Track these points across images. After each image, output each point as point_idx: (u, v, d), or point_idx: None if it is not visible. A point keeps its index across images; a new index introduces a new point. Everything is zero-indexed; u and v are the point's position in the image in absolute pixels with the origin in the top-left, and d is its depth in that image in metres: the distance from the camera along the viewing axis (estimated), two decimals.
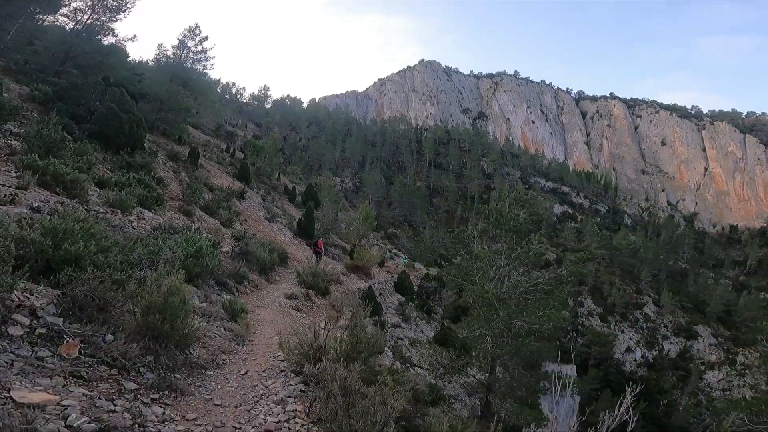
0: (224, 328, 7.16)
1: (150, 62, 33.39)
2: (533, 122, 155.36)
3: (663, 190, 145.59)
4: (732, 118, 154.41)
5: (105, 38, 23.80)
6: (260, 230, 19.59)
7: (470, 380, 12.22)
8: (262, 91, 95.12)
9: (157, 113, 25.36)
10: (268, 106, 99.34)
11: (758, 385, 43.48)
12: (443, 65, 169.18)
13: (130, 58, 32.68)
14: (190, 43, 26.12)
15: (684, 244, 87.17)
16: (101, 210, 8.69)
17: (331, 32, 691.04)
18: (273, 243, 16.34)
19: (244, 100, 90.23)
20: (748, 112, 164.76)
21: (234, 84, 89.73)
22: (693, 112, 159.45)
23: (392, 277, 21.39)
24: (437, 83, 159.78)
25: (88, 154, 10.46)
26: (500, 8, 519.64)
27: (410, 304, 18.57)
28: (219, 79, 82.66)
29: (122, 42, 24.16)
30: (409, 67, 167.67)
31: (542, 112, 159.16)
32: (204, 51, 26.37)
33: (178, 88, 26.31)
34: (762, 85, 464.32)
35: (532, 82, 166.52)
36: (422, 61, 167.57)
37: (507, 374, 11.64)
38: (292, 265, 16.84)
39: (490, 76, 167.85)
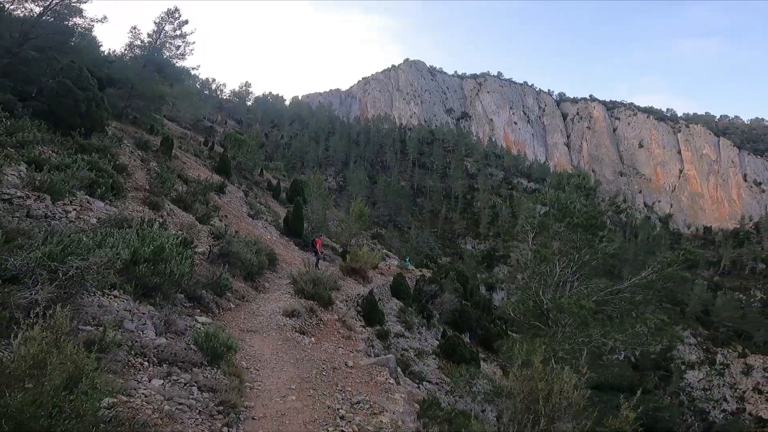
0: (199, 388, 4.41)
1: (123, 50, 31.15)
2: (516, 123, 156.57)
3: (640, 192, 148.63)
4: (706, 121, 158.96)
5: (72, 20, 21.59)
6: (243, 227, 17.72)
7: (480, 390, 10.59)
8: (244, 88, 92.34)
9: (127, 100, 23.27)
10: (249, 103, 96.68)
11: (737, 384, 43.97)
12: (428, 65, 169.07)
13: (102, 48, 30.36)
14: (168, 27, 24.06)
15: (660, 245, 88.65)
16: (18, 194, 6.80)
17: (315, 30, 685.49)
18: (259, 242, 14.43)
19: (225, 97, 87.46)
20: (721, 116, 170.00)
21: (214, 80, 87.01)
22: (669, 114, 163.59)
23: (387, 279, 19.84)
24: (422, 83, 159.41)
25: (24, 132, 8.66)
26: (483, 8, 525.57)
27: (409, 309, 17.03)
28: (199, 75, 79.93)
29: (91, 23, 21.97)
30: (393, 66, 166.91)
31: (524, 114, 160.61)
32: (183, 36, 24.35)
33: (152, 73, 24.26)
34: (734, 89, 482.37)
35: (514, 83, 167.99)
36: (407, 60, 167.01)
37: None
38: (282, 268, 15.03)
39: (474, 76, 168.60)
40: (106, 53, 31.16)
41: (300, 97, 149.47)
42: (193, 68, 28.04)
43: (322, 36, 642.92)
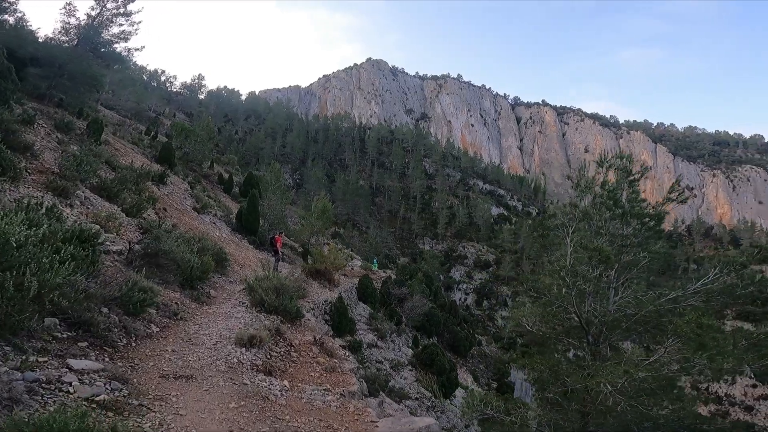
0: None
1: (56, 30, 27.82)
2: (473, 125, 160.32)
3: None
4: (645, 128, 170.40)
5: None
6: (186, 222, 15.63)
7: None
8: (196, 81, 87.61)
9: (53, 80, 20.64)
10: (201, 96, 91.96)
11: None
12: (390, 65, 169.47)
13: (33, 27, 26.94)
14: (111, 5, 21.62)
15: None
16: None
17: (278, 26, 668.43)
18: (205, 239, 12.23)
19: (175, 89, 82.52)
20: (657, 123, 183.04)
21: (164, 71, 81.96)
22: (612, 121, 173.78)
23: (352, 282, 18.21)
24: (383, 82, 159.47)
25: None
26: (446, 10, 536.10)
27: (379, 314, 15.63)
28: (147, 66, 75.30)
29: None
30: (356, 64, 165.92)
31: (481, 116, 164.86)
32: (127, 14, 21.93)
33: (86, 53, 21.78)
34: (670, 97, 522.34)
35: (473, 86, 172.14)
36: (370, 59, 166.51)
37: None
38: (234, 270, 13.02)
39: (435, 78, 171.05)
40: (37, 34, 27.83)
41: (257, 93, 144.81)
42: (137, 49, 25.24)
43: (284, 32, 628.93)
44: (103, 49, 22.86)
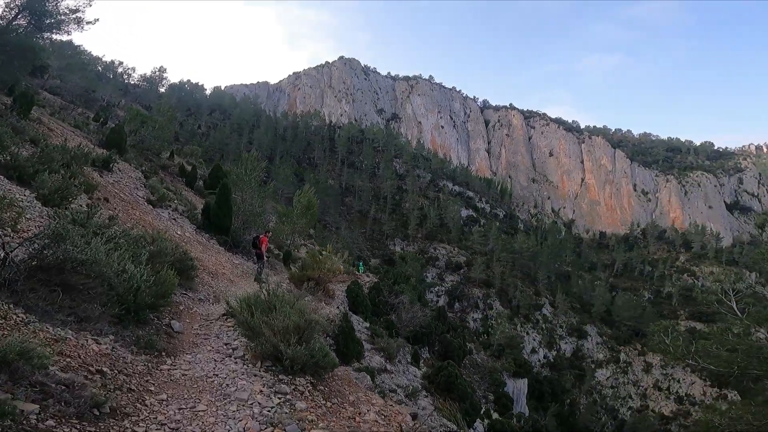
0: None
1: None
2: (442, 127, 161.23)
3: (548, 198, 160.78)
4: (605, 133, 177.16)
5: None
6: (136, 217, 12.65)
7: None
8: (157, 73, 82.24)
9: None
10: (162, 89, 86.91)
11: (639, 381, 47.98)
12: (362, 64, 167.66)
13: None
14: None
15: (566, 249, 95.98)
16: None
17: (247, 22, 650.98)
18: (161, 239, 9.03)
19: (133, 81, 77.39)
20: (616, 129, 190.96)
21: (121, 63, 76.52)
22: (575, 126, 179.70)
23: (340, 288, 15.43)
24: (355, 81, 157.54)
25: None
26: (419, 11, 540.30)
27: (378, 328, 13.27)
28: (103, 57, 70.53)
29: None
30: (327, 62, 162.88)
31: (451, 118, 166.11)
32: None
33: (22, 24, 19.04)
34: (627, 103, 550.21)
35: (444, 87, 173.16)
36: (342, 57, 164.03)
37: None
38: (204, 282, 10.14)
39: (407, 78, 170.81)
40: None
41: (223, 88, 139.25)
42: (89, 22, 22.44)
43: (254, 28, 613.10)
44: (48, 21, 20.08)
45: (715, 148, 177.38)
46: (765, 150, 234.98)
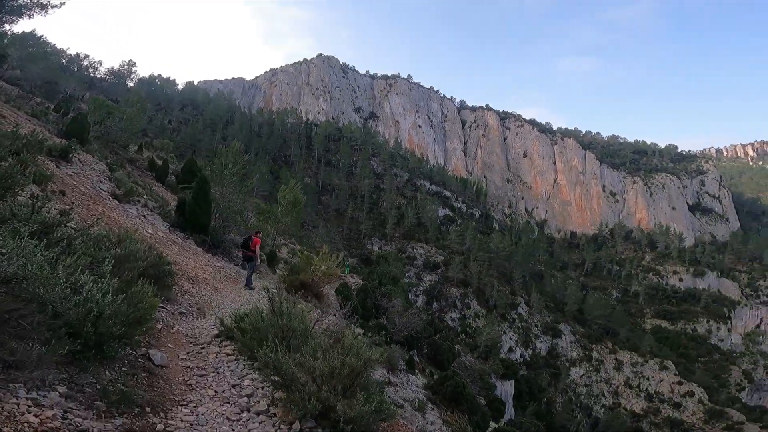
0: None
1: None
2: (420, 126, 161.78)
3: (522, 198, 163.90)
4: (575, 135, 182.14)
5: None
6: (97, 213, 10.86)
7: None
8: (125, 67, 78.77)
9: None
10: (131, 84, 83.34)
11: (611, 379, 49.49)
12: (341, 62, 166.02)
13: None
14: None
15: (539, 248, 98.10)
16: None
17: (224, 18, 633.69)
18: (129, 239, 7.40)
19: (99, 75, 73.89)
20: (586, 131, 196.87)
21: (87, 56, 72.90)
22: (548, 127, 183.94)
23: (328, 291, 14.45)
24: (333, 79, 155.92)
25: None
26: (398, 11, 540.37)
27: (373, 334, 12.65)
28: (67, 50, 67.12)
29: None
30: (305, 59, 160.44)
31: (428, 118, 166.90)
32: None
33: None
34: (598, 106, 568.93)
35: (423, 87, 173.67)
36: (320, 55, 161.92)
37: None
38: (184, 290, 8.84)
39: (385, 77, 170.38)
40: None
41: (196, 83, 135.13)
42: (54, 6, 20.77)
43: (226, 23, 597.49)
44: (11, 3, 18.71)
45: (679, 150, 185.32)
46: (725, 153, 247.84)
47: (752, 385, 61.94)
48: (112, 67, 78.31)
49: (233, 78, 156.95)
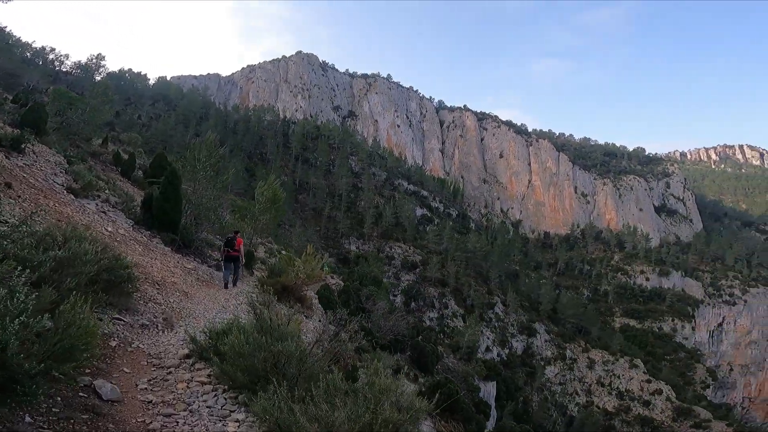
0: None
1: None
2: (398, 126, 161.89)
3: (498, 199, 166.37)
4: (550, 137, 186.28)
5: None
6: (48, 208, 9.68)
7: None
8: (93, 61, 75.01)
9: None
10: (98, 78, 79.70)
11: (584, 378, 50.63)
12: (321, 60, 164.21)
13: None
14: None
15: (515, 248, 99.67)
16: None
17: (194, 11, 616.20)
18: (79, 237, 6.12)
19: (65, 69, 70.33)
20: (559, 133, 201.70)
21: (53, 49, 69.14)
22: (523, 128, 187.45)
23: (309, 293, 14.10)
24: (312, 77, 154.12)
25: None
26: (378, 11, 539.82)
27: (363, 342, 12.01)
28: (33, 42, 63.92)
29: None
30: (284, 56, 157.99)
31: (407, 118, 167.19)
32: None
33: None
34: (571, 108, 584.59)
35: (402, 87, 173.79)
36: (300, 52, 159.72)
37: None
38: (148, 296, 7.81)
39: (365, 76, 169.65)
40: None
41: (169, 78, 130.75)
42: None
43: (201, 18, 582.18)
44: None
45: (646, 153, 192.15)
46: (689, 156, 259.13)
47: (716, 382, 64.67)
48: (79, 61, 74.70)
49: (208, 74, 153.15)
